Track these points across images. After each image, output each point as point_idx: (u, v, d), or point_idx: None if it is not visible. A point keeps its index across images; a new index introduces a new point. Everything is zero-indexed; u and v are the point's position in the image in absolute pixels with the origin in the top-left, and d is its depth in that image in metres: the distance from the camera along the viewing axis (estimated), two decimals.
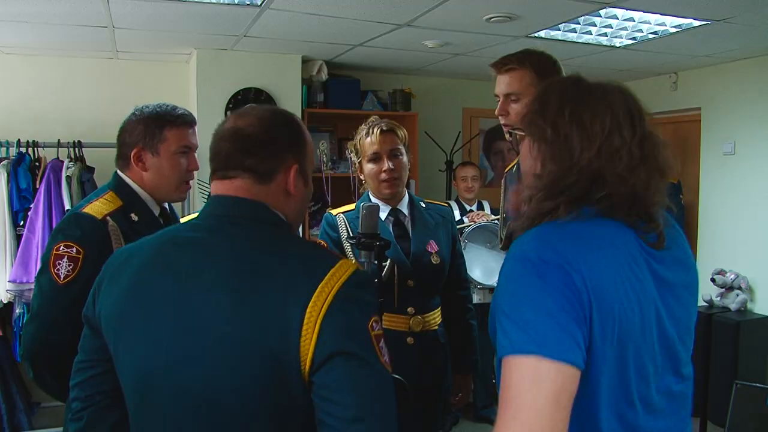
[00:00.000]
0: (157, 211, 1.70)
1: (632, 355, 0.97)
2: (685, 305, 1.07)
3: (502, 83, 1.69)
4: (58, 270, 1.48)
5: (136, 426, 1.08)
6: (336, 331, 0.95)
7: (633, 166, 1.00)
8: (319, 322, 0.95)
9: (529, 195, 1.05)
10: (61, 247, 1.50)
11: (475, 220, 3.78)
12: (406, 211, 2.09)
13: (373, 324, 1.00)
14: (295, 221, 1.16)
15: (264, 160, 1.09)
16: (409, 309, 2.01)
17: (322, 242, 2.08)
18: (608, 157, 1.00)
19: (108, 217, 1.56)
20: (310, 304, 0.95)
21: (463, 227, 3.65)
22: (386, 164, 2.00)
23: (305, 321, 0.95)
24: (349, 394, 0.94)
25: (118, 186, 1.66)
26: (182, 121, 1.67)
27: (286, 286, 0.98)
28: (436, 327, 2.08)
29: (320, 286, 0.97)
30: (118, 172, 1.69)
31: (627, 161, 1.00)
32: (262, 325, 0.96)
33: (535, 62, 1.65)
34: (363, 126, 2.08)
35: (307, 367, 0.95)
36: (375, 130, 2.03)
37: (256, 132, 1.10)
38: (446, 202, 4.04)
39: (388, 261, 1.96)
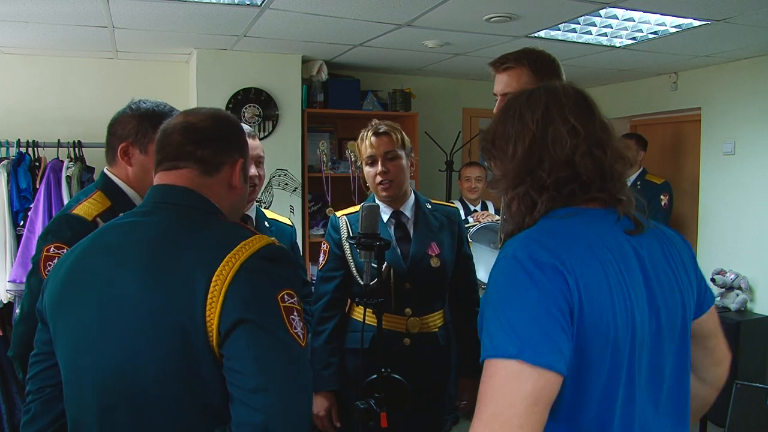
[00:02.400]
0: None
1: (626, 359, 0.96)
2: (672, 294, 1.06)
3: (500, 82, 1.69)
4: (48, 271, 1.48)
5: (68, 407, 1.10)
6: (239, 299, 0.96)
7: (580, 145, 1.03)
8: (223, 291, 0.96)
9: (509, 198, 1.08)
10: (52, 248, 1.49)
11: (480, 220, 3.78)
12: (409, 213, 2.09)
13: (285, 296, 1.00)
14: (231, 215, 1.19)
15: (214, 153, 1.14)
16: (406, 310, 2.01)
17: (326, 243, 2.10)
18: (552, 141, 1.03)
19: (98, 219, 1.55)
20: (216, 274, 0.97)
21: (468, 227, 3.65)
22: (380, 167, 2.00)
23: (210, 290, 0.96)
24: (251, 363, 0.94)
25: (105, 185, 1.64)
26: None
27: (197, 258, 1.00)
28: (436, 329, 2.07)
29: (228, 256, 0.99)
30: (105, 170, 1.66)
31: (572, 142, 1.03)
32: (172, 297, 0.98)
33: (533, 61, 1.65)
34: (363, 130, 2.09)
35: (214, 338, 0.96)
36: (369, 133, 2.03)
37: (208, 126, 1.15)
38: (450, 202, 4.06)
39: (385, 263, 1.96)
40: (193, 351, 0.96)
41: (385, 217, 2.06)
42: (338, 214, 2.13)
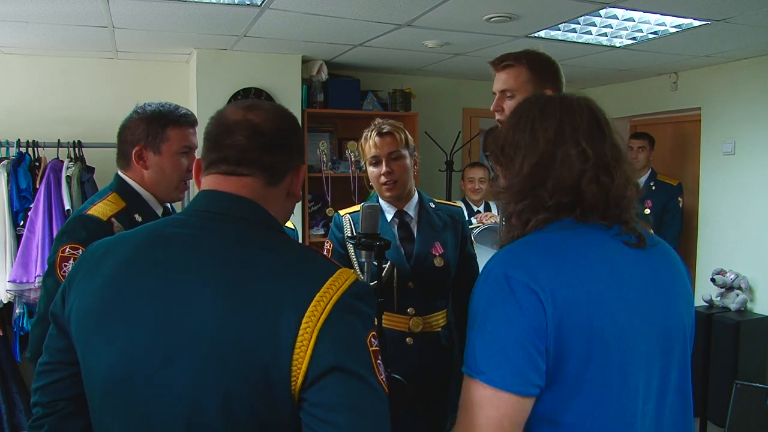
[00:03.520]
0: (159, 211, 1.71)
1: (617, 373, 0.96)
2: (674, 305, 1.06)
3: (499, 80, 1.70)
4: (64, 272, 1.48)
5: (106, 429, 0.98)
6: (334, 343, 0.88)
7: (588, 171, 1.02)
8: (316, 332, 0.87)
9: (509, 213, 1.08)
10: (67, 249, 1.50)
11: (483, 221, 3.78)
12: (413, 212, 2.09)
13: (372, 339, 0.93)
14: (282, 223, 1.11)
15: (281, 161, 1.04)
16: (408, 310, 2.02)
17: (329, 242, 2.11)
18: (560, 163, 1.02)
19: (113, 219, 1.57)
20: (308, 312, 0.88)
21: (471, 228, 3.65)
22: (384, 167, 2.00)
23: (301, 330, 0.87)
24: (344, 414, 0.86)
25: (120, 187, 1.66)
26: (185, 120, 1.68)
27: (281, 289, 0.90)
28: (439, 329, 2.08)
29: (319, 293, 0.90)
30: (119, 173, 1.69)
31: (581, 167, 1.01)
32: (254, 329, 0.88)
33: (532, 60, 1.66)
34: (366, 129, 2.09)
35: (300, 381, 0.87)
36: (373, 133, 2.03)
37: (273, 129, 1.03)
38: (455, 203, 4.05)
39: (388, 263, 1.97)
40: (271, 389, 0.88)
41: (389, 217, 2.07)
42: (342, 212, 2.13)
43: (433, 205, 2.14)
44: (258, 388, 0.88)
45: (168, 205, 1.78)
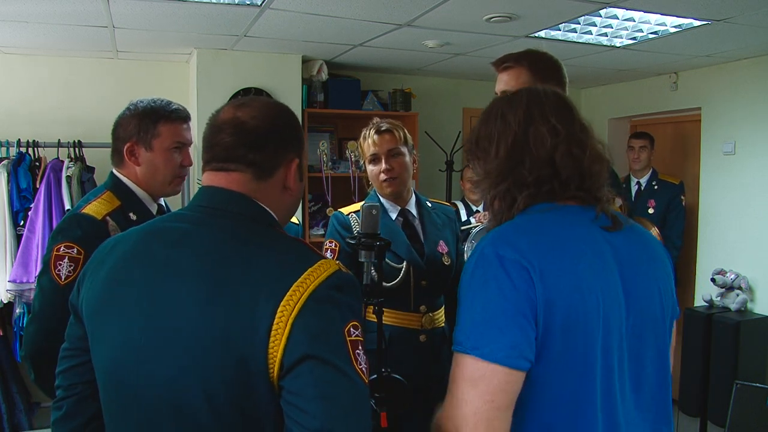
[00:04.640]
0: (154, 209, 1.71)
1: (600, 355, 0.98)
2: (649, 289, 1.07)
3: (501, 81, 1.70)
4: (59, 270, 1.48)
5: (107, 421, 1.05)
6: (307, 333, 0.90)
7: (560, 144, 1.06)
8: (290, 322, 0.90)
9: (491, 197, 1.12)
10: (62, 248, 1.50)
11: (482, 220, 3.78)
12: (414, 211, 2.12)
13: (351, 329, 0.94)
14: (284, 218, 1.13)
15: (267, 156, 1.06)
16: (421, 308, 2.06)
17: (334, 241, 2.09)
18: (533, 140, 1.07)
19: (108, 217, 1.57)
20: (282, 303, 0.90)
21: (470, 227, 3.65)
22: (383, 165, 2.02)
23: (275, 321, 0.90)
24: (317, 403, 0.88)
25: (114, 185, 1.66)
26: (176, 116, 1.67)
27: (260, 282, 0.93)
28: (443, 324, 2.13)
29: (295, 284, 0.92)
30: (114, 171, 1.69)
31: (552, 141, 1.06)
32: (231, 321, 0.91)
33: (532, 61, 1.65)
34: (365, 128, 2.10)
35: (276, 369, 0.90)
36: (372, 131, 2.05)
37: (260, 125, 1.06)
38: (453, 203, 4.07)
39: (404, 262, 2.01)
40: (250, 379, 0.91)
41: (393, 216, 2.09)
42: (344, 211, 2.13)
43: (430, 205, 2.19)
44: (238, 377, 0.91)
45: (163, 203, 1.78)
